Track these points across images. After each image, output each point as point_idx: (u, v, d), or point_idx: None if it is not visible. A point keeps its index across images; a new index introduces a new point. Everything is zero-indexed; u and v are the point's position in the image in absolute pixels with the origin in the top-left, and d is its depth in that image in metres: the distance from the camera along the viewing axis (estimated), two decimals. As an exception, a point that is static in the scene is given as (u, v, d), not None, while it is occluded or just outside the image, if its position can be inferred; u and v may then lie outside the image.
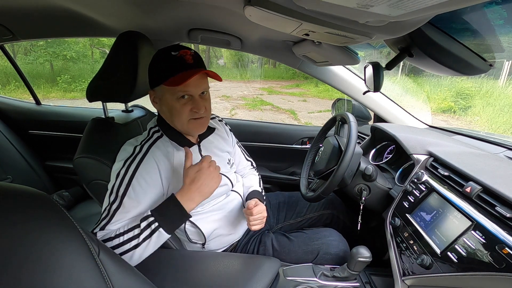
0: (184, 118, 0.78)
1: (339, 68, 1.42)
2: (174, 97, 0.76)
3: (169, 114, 0.80)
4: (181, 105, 0.77)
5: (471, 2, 0.38)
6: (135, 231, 0.71)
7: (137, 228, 0.71)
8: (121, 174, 0.75)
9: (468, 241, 0.63)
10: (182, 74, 0.73)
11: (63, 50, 8.83)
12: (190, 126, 0.80)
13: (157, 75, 0.77)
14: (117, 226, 0.74)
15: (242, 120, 1.89)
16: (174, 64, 0.74)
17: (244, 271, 0.80)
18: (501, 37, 0.69)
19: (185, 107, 0.77)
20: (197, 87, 0.77)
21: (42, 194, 0.45)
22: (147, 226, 0.71)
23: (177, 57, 0.74)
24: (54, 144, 1.84)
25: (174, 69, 0.74)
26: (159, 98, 0.80)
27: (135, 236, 0.71)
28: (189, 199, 0.74)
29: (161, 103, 0.80)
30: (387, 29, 0.60)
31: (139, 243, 0.71)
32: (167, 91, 0.77)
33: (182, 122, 0.79)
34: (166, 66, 0.75)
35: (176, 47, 0.76)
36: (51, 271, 0.40)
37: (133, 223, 0.73)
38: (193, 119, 0.79)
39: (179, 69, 0.74)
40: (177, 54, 0.74)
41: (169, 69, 0.74)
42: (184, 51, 0.75)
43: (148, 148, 0.79)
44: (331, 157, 1.05)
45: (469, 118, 5.50)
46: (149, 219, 0.72)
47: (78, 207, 1.65)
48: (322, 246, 1.00)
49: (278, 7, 0.58)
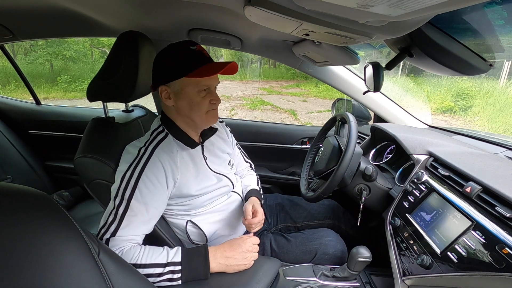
0: (203, 110, 0.81)
1: (339, 68, 1.42)
2: (196, 89, 0.78)
3: (188, 107, 0.80)
4: (201, 98, 0.79)
5: (471, 2, 0.38)
6: (156, 270, 0.71)
7: (160, 267, 0.72)
8: (127, 177, 0.74)
9: (468, 241, 0.63)
10: (207, 66, 0.76)
11: (62, 50, 8.84)
12: (208, 117, 0.83)
13: (178, 67, 0.77)
14: (129, 233, 0.73)
15: (242, 120, 1.89)
16: (197, 58, 0.77)
17: (244, 271, 0.80)
18: (501, 37, 0.69)
19: (205, 99, 0.80)
20: (217, 80, 0.82)
21: (42, 194, 0.45)
22: (170, 272, 0.72)
23: (197, 51, 0.77)
24: (54, 144, 1.84)
25: (199, 62, 0.76)
26: (175, 93, 0.79)
27: (155, 274, 0.71)
28: (217, 265, 0.77)
29: (178, 98, 0.79)
30: (387, 29, 0.60)
31: (155, 282, 0.72)
32: (189, 84, 0.77)
33: (201, 113, 0.81)
34: (188, 59, 0.76)
35: (193, 42, 0.78)
36: (51, 271, 0.40)
37: (156, 254, 0.73)
38: (211, 110, 0.82)
39: (203, 61, 0.77)
40: (195, 49, 0.77)
41: (193, 62, 0.76)
42: (200, 46, 0.78)
43: (152, 150, 0.79)
44: (331, 157, 1.05)
45: (469, 118, 5.50)
46: (176, 267, 0.73)
47: (78, 207, 1.65)
48: (320, 247, 1.00)
49: (278, 7, 0.58)
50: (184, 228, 0.90)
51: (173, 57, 0.77)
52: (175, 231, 0.93)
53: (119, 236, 0.72)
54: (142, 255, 0.72)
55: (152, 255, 0.73)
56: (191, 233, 0.91)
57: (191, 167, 0.85)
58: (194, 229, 0.90)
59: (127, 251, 0.71)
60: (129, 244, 0.73)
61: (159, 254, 0.74)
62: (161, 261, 0.72)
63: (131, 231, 0.73)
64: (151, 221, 0.77)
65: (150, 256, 0.72)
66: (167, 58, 0.78)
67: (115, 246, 0.72)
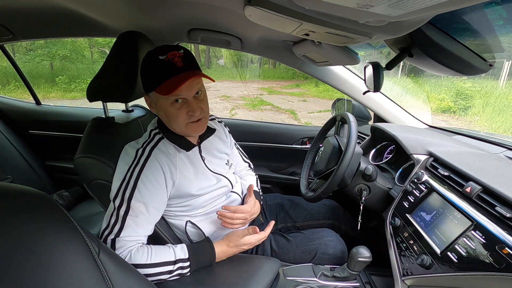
0: (181, 122, 0.77)
1: (339, 68, 1.42)
2: (167, 102, 0.74)
3: (166, 118, 0.79)
4: (176, 109, 0.75)
5: (471, 2, 0.38)
6: (167, 267, 0.74)
7: (170, 265, 0.74)
8: (126, 178, 0.75)
9: (468, 241, 0.63)
10: (172, 80, 0.70)
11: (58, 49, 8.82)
12: (188, 130, 0.79)
13: (148, 81, 0.76)
14: (133, 233, 0.74)
15: (242, 120, 1.89)
16: (163, 70, 0.71)
17: (244, 271, 0.81)
18: (501, 37, 0.69)
19: (181, 111, 0.75)
20: (190, 90, 0.74)
21: (42, 194, 0.45)
22: (180, 268, 0.75)
23: (165, 62, 0.71)
24: (54, 144, 1.84)
25: (163, 75, 0.71)
26: (155, 103, 0.79)
27: (166, 272, 0.74)
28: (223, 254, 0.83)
29: (157, 108, 0.79)
30: (387, 29, 0.60)
31: (167, 279, 0.75)
32: (160, 97, 0.75)
33: (180, 126, 0.78)
34: (155, 72, 0.72)
35: (164, 50, 0.72)
36: (52, 271, 0.40)
37: (164, 253, 0.75)
38: (191, 122, 0.78)
39: (168, 74, 0.71)
40: (164, 58, 0.71)
41: (158, 76, 0.72)
42: (172, 53, 0.71)
43: (150, 151, 0.79)
44: (331, 157, 1.05)
45: (469, 118, 5.50)
46: (185, 263, 0.76)
47: (78, 207, 1.65)
48: (320, 246, 1.00)
49: (278, 7, 0.58)
50: (183, 228, 0.90)
51: (144, 68, 0.76)
52: (175, 231, 0.93)
53: (123, 236, 0.72)
54: (152, 254, 0.73)
55: (160, 254, 0.74)
56: (191, 233, 0.91)
57: (189, 167, 0.85)
58: (194, 229, 0.90)
59: (135, 251, 0.72)
60: (136, 244, 0.74)
61: (167, 252, 0.76)
62: (170, 259, 0.74)
63: (134, 231, 0.74)
64: (152, 221, 0.78)
65: (159, 255, 0.74)
66: (142, 68, 0.77)
67: (122, 247, 0.72)
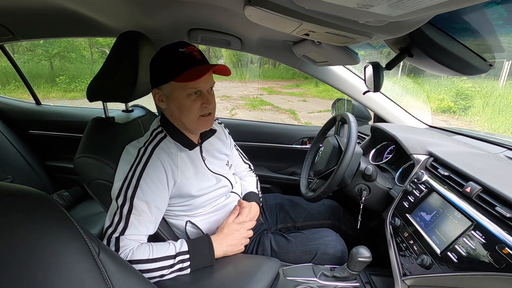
0: (194, 115, 0.79)
1: (339, 68, 1.42)
2: (184, 93, 0.77)
3: (179, 111, 0.79)
4: (191, 101, 0.78)
5: (471, 2, 0.38)
6: (168, 262, 0.73)
7: (171, 259, 0.74)
8: (129, 177, 0.75)
9: (468, 241, 0.63)
10: (194, 70, 0.74)
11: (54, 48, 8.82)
12: (199, 123, 0.81)
13: (166, 71, 0.76)
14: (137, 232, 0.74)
15: (242, 120, 1.89)
16: (185, 60, 0.74)
17: (244, 271, 0.80)
18: (501, 37, 0.69)
19: (195, 103, 0.78)
20: (207, 83, 0.78)
21: (42, 194, 0.45)
22: (180, 261, 0.75)
23: (186, 54, 0.75)
24: (54, 144, 1.84)
25: (185, 65, 0.74)
26: (167, 96, 0.80)
27: (167, 266, 0.73)
28: (220, 248, 0.82)
29: (169, 101, 0.80)
30: (387, 29, 0.60)
31: (167, 274, 0.74)
32: (177, 88, 0.77)
33: (191, 119, 0.80)
34: (175, 62, 0.75)
35: (183, 44, 0.76)
36: (52, 271, 0.40)
37: (165, 248, 0.75)
38: (202, 116, 0.80)
39: (189, 65, 0.74)
40: (185, 51, 0.75)
41: (180, 65, 0.74)
42: (191, 47, 0.76)
43: (152, 150, 0.79)
44: (331, 157, 1.05)
45: (469, 118, 5.50)
46: (185, 256, 0.75)
47: (78, 207, 1.64)
48: (320, 246, 1.00)
49: (278, 7, 0.58)
50: (183, 228, 0.90)
51: (162, 60, 0.77)
52: (174, 231, 0.93)
53: (127, 235, 0.73)
54: (153, 250, 0.74)
55: (161, 249, 0.75)
56: (191, 233, 0.91)
57: (190, 167, 0.85)
58: (193, 229, 0.91)
59: (137, 249, 0.73)
60: (137, 243, 0.75)
61: (167, 247, 0.76)
62: (171, 253, 0.75)
63: (138, 230, 0.74)
64: (154, 220, 0.78)
65: (160, 250, 0.74)
66: (157, 61, 0.78)
67: (125, 246, 0.73)
